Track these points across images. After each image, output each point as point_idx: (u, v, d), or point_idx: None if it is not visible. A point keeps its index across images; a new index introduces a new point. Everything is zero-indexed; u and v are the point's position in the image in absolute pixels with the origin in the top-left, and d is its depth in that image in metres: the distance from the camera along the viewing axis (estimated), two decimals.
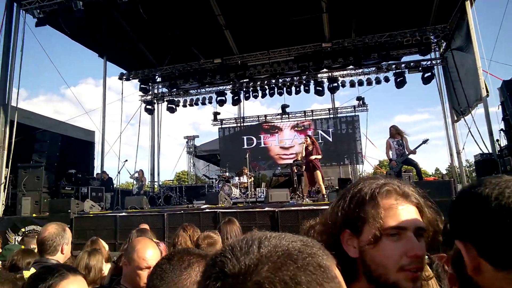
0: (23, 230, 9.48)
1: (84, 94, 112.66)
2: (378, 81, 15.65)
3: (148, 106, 17.67)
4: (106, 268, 3.06)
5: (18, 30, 11.65)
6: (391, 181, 1.00)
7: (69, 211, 9.19)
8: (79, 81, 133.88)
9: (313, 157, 9.94)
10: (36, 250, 2.83)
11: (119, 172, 13.41)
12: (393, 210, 0.93)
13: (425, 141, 9.06)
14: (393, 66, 15.18)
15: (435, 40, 14.75)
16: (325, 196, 10.01)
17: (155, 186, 18.65)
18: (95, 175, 14.76)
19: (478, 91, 10.55)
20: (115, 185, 14.57)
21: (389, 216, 0.93)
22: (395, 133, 9.19)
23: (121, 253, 2.93)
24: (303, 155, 10.30)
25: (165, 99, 18.13)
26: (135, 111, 17.71)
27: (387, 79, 15.48)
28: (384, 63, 15.22)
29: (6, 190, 10.99)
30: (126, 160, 13.61)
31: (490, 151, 9.87)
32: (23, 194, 10.89)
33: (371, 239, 0.92)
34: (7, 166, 11.03)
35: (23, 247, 4.05)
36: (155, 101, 18.21)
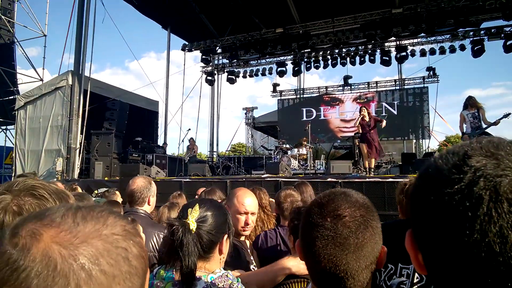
0: (96, 192, 10.14)
1: (147, 67, 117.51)
2: (452, 50, 14.53)
3: (208, 77, 17.97)
4: None
5: (90, 3, 12.21)
6: None
7: (138, 175, 9.68)
8: (142, 55, 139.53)
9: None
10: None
11: (182, 141, 13.88)
12: None
13: (506, 115, 8.08)
14: (471, 33, 13.98)
15: None
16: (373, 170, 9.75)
17: (214, 156, 19.17)
18: (161, 144, 15.36)
19: None
20: (178, 154, 15.15)
21: None
22: (472, 104, 8.35)
23: None
24: (358, 126, 9.89)
25: (225, 70, 18.33)
26: (195, 83, 18.13)
27: (463, 47, 14.29)
28: (460, 29, 13.97)
29: (80, 155, 11.85)
30: (190, 129, 14.01)
31: None
32: (95, 159, 11.67)
33: None
34: (81, 133, 11.84)
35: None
36: (215, 72, 18.46)
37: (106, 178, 10.96)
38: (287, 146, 13.63)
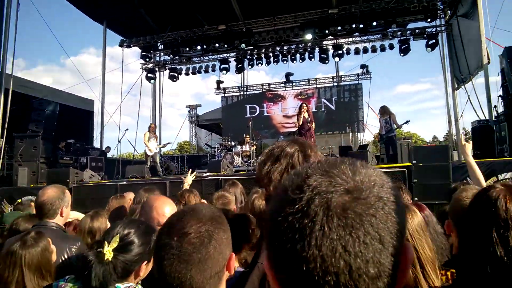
0: (19, 200, 9.25)
1: (86, 64, 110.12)
2: (382, 48, 15.46)
3: (149, 74, 17.30)
4: None
5: None
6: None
7: (68, 180, 8.87)
8: (80, 51, 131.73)
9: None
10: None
11: (119, 141, 13.26)
12: None
13: (406, 122, 9.99)
14: (399, 33, 14.98)
15: (442, 7, 14.56)
16: None
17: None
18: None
19: (480, 58, 10.81)
20: (115, 155, 14.43)
21: None
22: (383, 112, 10.14)
23: None
24: (299, 123, 10.12)
25: (167, 67, 17.79)
26: (135, 81, 17.39)
27: (392, 46, 15.27)
28: (390, 30, 14.91)
29: (1, 160, 10.70)
30: (127, 129, 13.35)
31: (488, 118, 10.41)
32: (19, 164, 10.47)
33: None
34: (1, 136, 10.67)
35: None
36: (156, 69, 17.85)
37: (31, 185, 10.07)
38: (231, 143, 13.62)
